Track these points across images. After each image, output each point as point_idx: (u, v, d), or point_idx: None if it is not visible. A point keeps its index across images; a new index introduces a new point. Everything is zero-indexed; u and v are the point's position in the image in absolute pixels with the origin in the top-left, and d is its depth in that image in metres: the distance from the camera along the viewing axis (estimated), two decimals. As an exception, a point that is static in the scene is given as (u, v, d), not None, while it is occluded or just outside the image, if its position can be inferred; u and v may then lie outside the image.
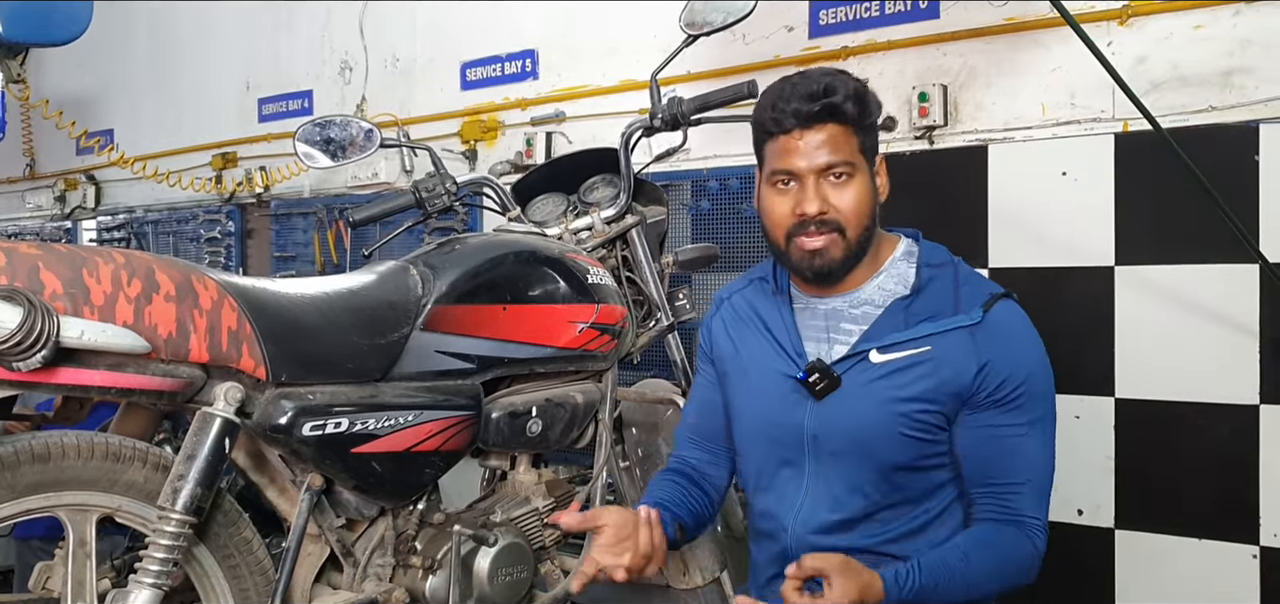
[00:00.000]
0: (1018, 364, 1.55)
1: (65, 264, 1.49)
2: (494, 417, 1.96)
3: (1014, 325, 1.58)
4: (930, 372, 1.55)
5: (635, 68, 3.38)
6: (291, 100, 4.50)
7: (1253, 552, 2.44)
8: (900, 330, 1.57)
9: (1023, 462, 1.56)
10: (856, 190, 1.57)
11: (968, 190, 2.78)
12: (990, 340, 1.55)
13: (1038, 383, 1.57)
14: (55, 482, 1.56)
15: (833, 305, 1.64)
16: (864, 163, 1.58)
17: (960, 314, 1.56)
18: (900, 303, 1.60)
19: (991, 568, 1.53)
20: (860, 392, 1.58)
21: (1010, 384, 1.54)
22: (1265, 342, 2.41)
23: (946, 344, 1.55)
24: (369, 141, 2.39)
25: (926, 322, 1.57)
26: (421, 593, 1.91)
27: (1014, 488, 1.56)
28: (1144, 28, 2.56)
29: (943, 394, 1.55)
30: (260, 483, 1.84)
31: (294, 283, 1.83)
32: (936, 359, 1.55)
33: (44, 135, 5.57)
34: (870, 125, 1.59)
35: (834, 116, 1.55)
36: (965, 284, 1.60)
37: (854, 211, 1.57)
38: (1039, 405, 1.57)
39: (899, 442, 1.56)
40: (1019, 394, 1.54)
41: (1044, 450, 1.58)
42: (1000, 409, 1.55)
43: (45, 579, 1.67)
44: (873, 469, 1.59)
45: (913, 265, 1.63)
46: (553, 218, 2.35)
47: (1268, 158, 2.39)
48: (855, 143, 1.57)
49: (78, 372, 1.50)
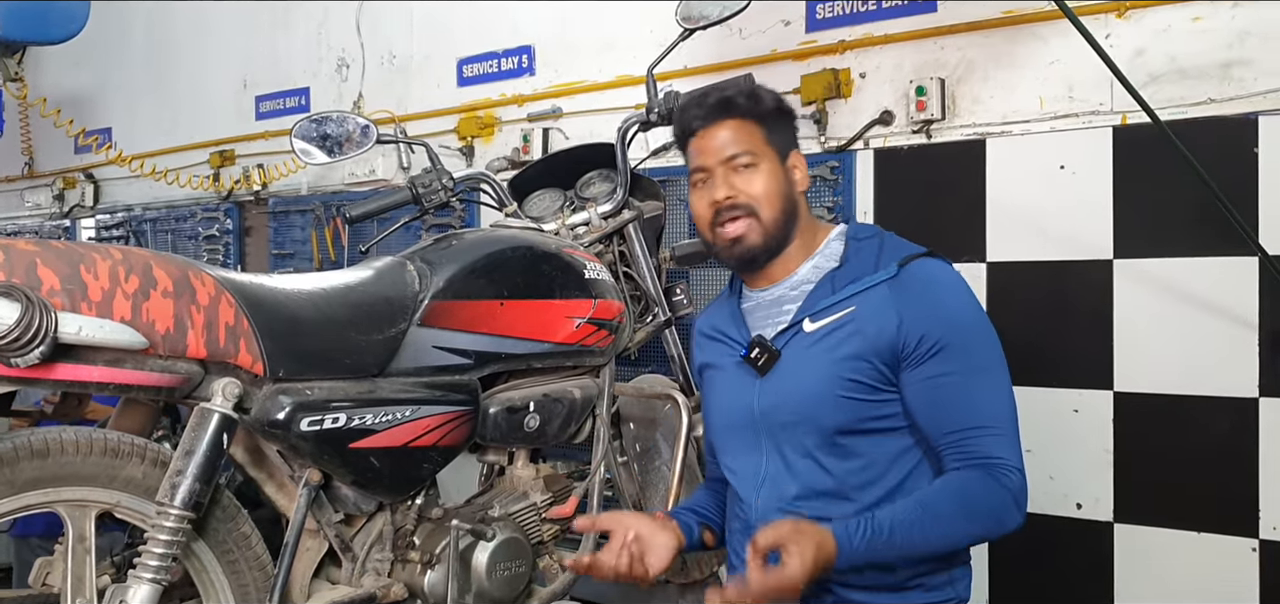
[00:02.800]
0: (936, 316, 1.60)
1: (63, 260, 1.49)
2: (492, 412, 1.96)
3: (931, 278, 1.64)
4: (855, 330, 1.62)
5: (632, 63, 3.37)
6: (289, 98, 4.50)
7: (1252, 545, 2.44)
8: (828, 296, 1.66)
9: (972, 405, 1.59)
10: (764, 176, 1.69)
11: (965, 184, 2.77)
12: (906, 294, 1.61)
13: (966, 331, 1.61)
14: (54, 477, 1.56)
15: (776, 293, 1.74)
16: (771, 152, 1.70)
17: (879, 272, 1.64)
18: (830, 275, 1.68)
19: (958, 510, 1.55)
20: (797, 360, 1.66)
21: (933, 334, 1.58)
22: (1264, 334, 2.41)
23: (868, 302, 1.62)
24: (365, 138, 2.39)
25: (850, 284, 1.65)
26: (420, 588, 1.91)
27: (972, 432, 1.58)
28: (1142, 20, 2.55)
29: (870, 351, 1.60)
30: (258, 478, 1.84)
31: (291, 279, 1.84)
32: (860, 317, 1.62)
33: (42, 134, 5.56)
34: (770, 118, 1.72)
35: (729, 111, 1.71)
36: (887, 249, 1.68)
37: (764, 194, 1.68)
38: (976, 353, 1.61)
39: (837, 403, 1.62)
40: (944, 343, 1.58)
41: (998, 393, 1.61)
42: (933, 360, 1.59)
43: (45, 575, 1.67)
44: (817, 435, 1.64)
45: (843, 242, 1.73)
46: (550, 213, 2.35)
47: (1267, 150, 2.39)
48: (758, 133, 1.70)
49: (76, 367, 1.50)
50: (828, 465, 1.64)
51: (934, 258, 1.68)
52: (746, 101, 1.72)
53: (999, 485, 1.56)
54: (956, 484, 1.57)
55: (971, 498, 1.56)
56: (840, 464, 1.64)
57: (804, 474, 1.66)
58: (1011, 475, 1.57)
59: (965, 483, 1.57)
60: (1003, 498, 1.56)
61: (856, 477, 1.63)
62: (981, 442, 1.58)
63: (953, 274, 1.67)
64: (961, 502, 1.56)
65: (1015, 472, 1.58)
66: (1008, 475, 1.57)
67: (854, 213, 2.91)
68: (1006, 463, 1.57)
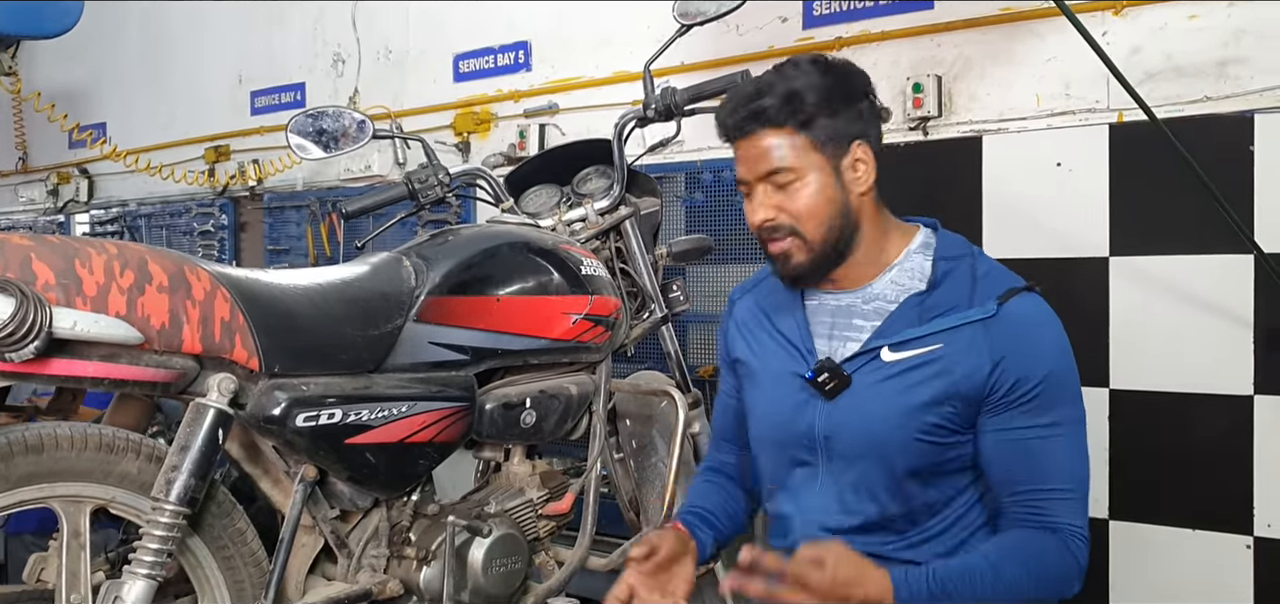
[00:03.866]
0: (1035, 361, 1.47)
1: (57, 255, 1.48)
2: (488, 408, 1.96)
3: (1032, 320, 1.50)
4: (942, 371, 1.48)
5: (628, 59, 3.37)
6: (284, 93, 4.49)
7: (1246, 542, 2.44)
8: (914, 326, 1.51)
9: (1053, 465, 1.48)
10: (807, 191, 1.52)
11: (962, 181, 2.77)
12: (1005, 336, 1.47)
13: (1060, 382, 1.49)
14: (49, 473, 1.56)
15: (845, 301, 1.60)
16: (818, 159, 1.52)
17: (975, 308, 1.49)
18: (915, 298, 1.54)
19: (1026, 575, 1.45)
20: (871, 392, 1.52)
21: (1027, 383, 1.46)
22: (1260, 332, 2.41)
23: (959, 341, 1.48)
24: (361, 133, 2.38)
25: (940, 317, 1.50)
26: (416, 584, 1.91)
27: (1047, 494, 1.48)
28: (1139, 18, 2.56)
29: (957, 395, 1.48)
30: (254, 474, 1.83)
31: (287, 274, 1.83)
32: (948, 357, 1.48)
33: (36, 129, 5.55)
34: (816, 119, 1.51)
35: (763, 122, 1.52)
36: (983, 277, 1.53)
37: (807, 213, 1.53)
38: (1065, 406, 1.49)
39: (913, 447, 1.50)
40: (1036, 393, 1.47)
41: (1076, 453, 1.50)
42: (1020, 410, 1.47)
43: (39, 571, 1.67)
44: (885, 473, 1.53)
45: (929, 258, 1.57)
46: (546, 209, 2.35)
47: (1263, 148, 2.39)
48: (800, 142, 1.52)
49: (70, 363, 1.49)
50: (885, 503, 1.54)
51: (1032, 293, 1.54)
52: (781, 109, 1.51)
53: (1069, 554, 1.47)
54: (1029, 549, 1.47)
55: (1042, 564, 1.46)
56: (898, 504, 1.53)
57: (857, 507, 1.56)
58: (1080, 546, 1.48)
59: (1039, 549, 1.47)
60: (1070, 568, 1.47)
61: (911, 514, 1.54)
62: (1053, 505, 1.47)
63: (1050, 315, 1.53)
64: (1032, 568, 1.46)
65: (1083, 541, 1.49)
66: (1076, 544, 1.48)
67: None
68: (1076, 530, 1.48)
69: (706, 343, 3.26)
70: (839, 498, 1.57)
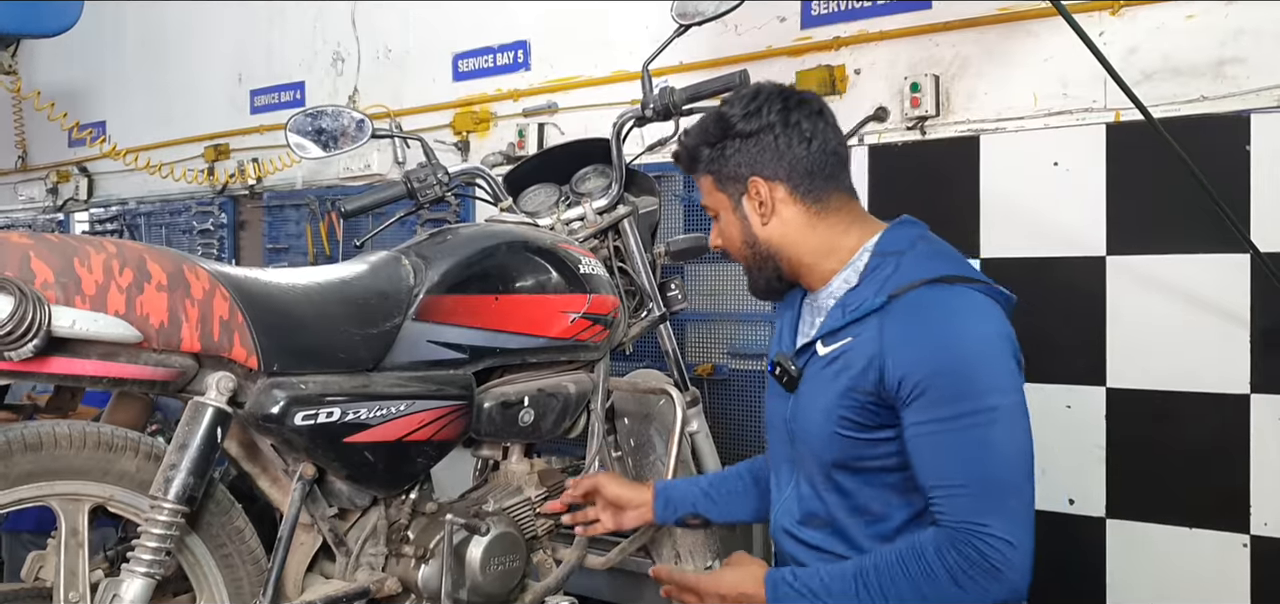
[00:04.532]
0: (920, 355, 1.43)
1: (56, 253, 1.48)
2: (486, 406, 1.96)
3: (919, 313, 1.45)
4: (847, 364, 1.51)
5: (627, 59, 3.37)
6: (283, 92, 4.49)
7: (1243, 540, 2.45)
8: (838, 320, 1.56)
9: (945, 461, 1.42)
10: (725, 227, 1.68)
11: (959, 180, 2.78)
12: (891, 331, 1.46)
13: (951, 375, 1.42)
14: (48, 471, 1.56)
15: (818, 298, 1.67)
16: (723, 199, 1.66)
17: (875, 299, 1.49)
18: (844, 295, 1.58)
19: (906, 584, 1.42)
20: (809, 384, 1.60)
21: (912, 378, 1.43)
22: (1256, 331, 2.42)
23: (861, 334, 1.50)
24: (360, 132, 2.38)
25: (854, 310, 1.53)
26: (414, 582, 1.91)
27: (943, 492, 1.43)
28: (1136, 17, 2.56)
29: (857, 388, 1.49)
30: (253, 473, 1.83)
31: (286, 273, 1.83)
32: (852, 349, 1.51)
33: (36, 127, 5.55)
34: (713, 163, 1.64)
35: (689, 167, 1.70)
36: (899, 272, 1.51)
37: (728, 244, 1.69)
38: (964, 399, 1.41)
39: (831, 438, 1.54)
40: (922, 388, 1.42)
41: (980, 448, 1.41)
42: (914, 405, 1.44)
43: (37, 569, 1.67)
44: (817, 465, 1.59)
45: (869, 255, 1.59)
46: (545, 208, 2.35)
47: (1259, 147, 2.39)
48: (708, 183, 1.67)
49: (69, 361, 1.49)
50: (825, 497, 1.59)
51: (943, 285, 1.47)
52: (688, 157, 1.68)
53: (959, 555, 1.39)
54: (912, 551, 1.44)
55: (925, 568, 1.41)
56: (836, 499, 1.57)
57: (808, 500, 1.62)
58: (985, 542, 1.38)
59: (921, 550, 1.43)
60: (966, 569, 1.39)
61: (849, 514, 1.57)
62: (954, 502, 1.41)
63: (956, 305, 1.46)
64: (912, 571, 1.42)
65: (992, 539, 1.38)
66: (979, 542, 1.38)
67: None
68: (983, 529, 1.39)
69: (705, 341, 3.26)
70: (797, 489, 1.66)
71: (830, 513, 1.59)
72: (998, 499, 1.41)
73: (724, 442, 3.02)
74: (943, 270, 1.50)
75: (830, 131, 1.62)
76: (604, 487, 1.98)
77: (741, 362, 3.17)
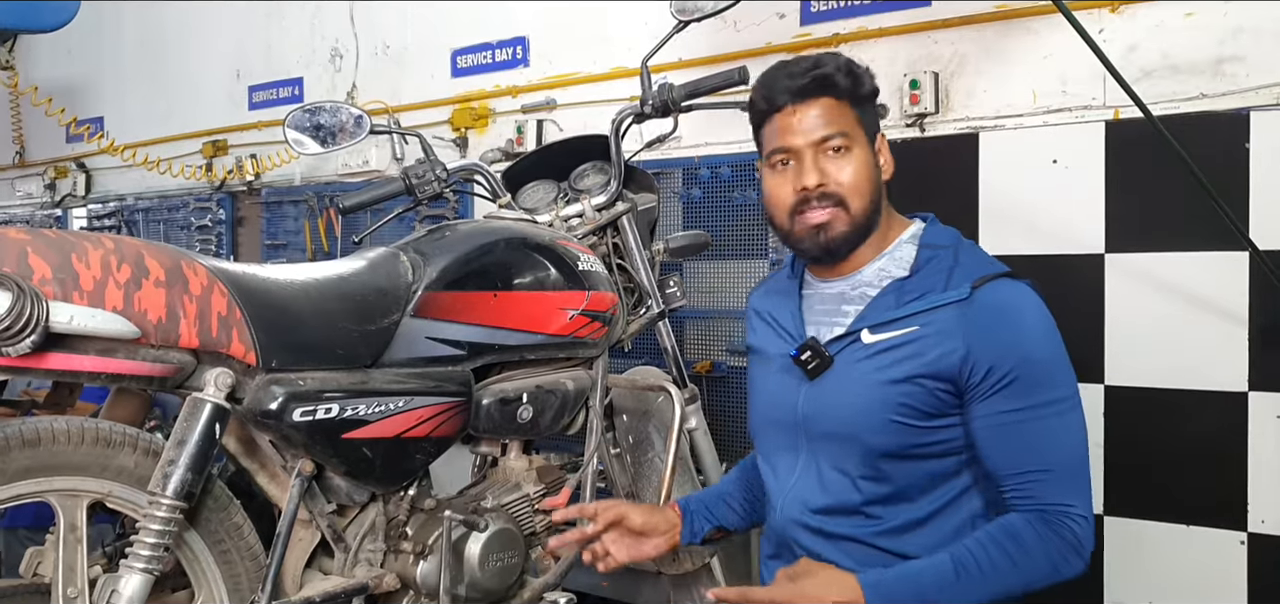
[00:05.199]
0: (1009, 346, 1.48)
1: (54, 249, 1.48)
2: (485, 403, 1.96)
3: (1006, 305, 1.51)
4: (916, 352, 1.51)
5: (626, 55, 3.37)
6: (282, 88, 4.49)
7: (1240, 538, 2.45)
8: (892, 309, 1.55)
9: (1037, 446, 1.48)
10: (856, 162, 1.58)
11: (958, 178, 2.78)
12: (977, 321, 1.49)
13: (1037, 365, 1.49)
14: (46, 466, 1.56)
15: (839, 288, 1.64)
16: (862, 136, 1.59)
17: (950, 291, 1.52)
18: (895, 284, 1.58)
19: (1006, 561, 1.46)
20: (849, 372, 1.57)
21: (1002, 367, 1.48)
22: (1254, 329, 2.42)
23: (934, 324, 1.51)
24: (359, 128, 2.38)
25: (916, 301, 1.54)
26: (412, 578, 1.91)
27: (1034, 476, 1.49)
28: (1135, 15, 2.56)
29: (929, 375, 1.51)
30: (251, 469, 1.83)
31: (284, 269, 1.83)
32: (923, 339, 1.52)
33: (33, 123, 5.54)
34: (865, 99, 1.61)
35: (826, 89, 1.57)
36: (962, 264, 1.56)
37: (854, 184, 1.57)
38: (1046, 389, 1.49)
39: (885, 426, 1.53)
40: (1012, 377, 1.48)
41: (1065, 434, 1.50)
42: (1000, 395, 1.49)
43: (36, 565, 1.67)
44: (858, 454, 1.56)
45: (916, 246, 1.61)
46: (543, 205, 2.35)
47: (1258, 146, 2.39)
48: (851, 116, 1.58)
49: (67, 357, 1.49)
50: (861, 485, 1.57)
51: (1012, 279, 1.55)
52: (846, 80, 1.58)
53: (1054, 534, 1.47)
54: (1006, 533, 1.48)
55: (1023, 548, 1.47)
56: (875, 487, 1.56)
57: (835, 488, 1.60)
58: (1076, 525, 1.48)
59: (1017, 532, 1.48)
60: (1059, 547, 1.48)
61: (887, 499, 1.56)
62: (1043, 486, 1.49)
63: (1031, 299, 1.54)
64: (1011, 553, 1.47)
65: (1078, 518, 1.49)
66: (1069, 522, 1.48)
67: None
68: (1070, 509, 1.48)
69: (703, 338, 3.26)
70: (819, 478, 1.62)
71: (864, 502, 1.57)
72: (1077, 481, 1.51)
73: (723, 439, 3.02)
74: (1000, 267, 1.56)
75: None
76: (629, 517, 1.76)
77: (740, 359, 3.17)
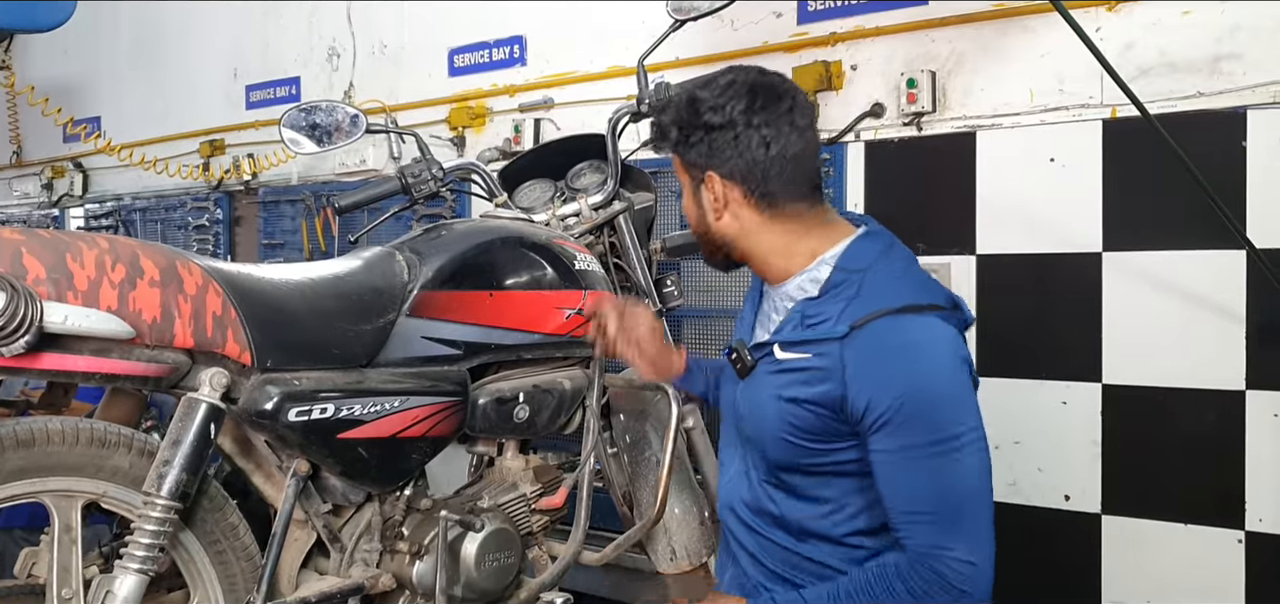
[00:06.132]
0: (884, 386, 1.44)
1: (48, 249, 1.48)
2: (481, 403, 1.96)
3: (887, 345, 1.47)
4: (806, 380, 1.53)
5: (623, 54, 3.37)
6: (279, 87, 4.48)
7: (1238, 536, 2.45)
8: (797, 331, 1.56)
9: (908, 487, 1.45)
10: (687, 205, 1.70)
11: (956, 176, 2.78)
12: (854, 361, 1.47)
13: (921, 404, 1.44)
14: (40, 467, 1.55)
15: (775, 295, 1.67)
16: (686, 179, 1.67)
17: (838, 325, 1.50)
18: (801, 304, 1.58)
19: None
20: (762, 381, 1.62)
21: (878, 407, 1.45)
22: (1251, 328, 2.42)
23: (824, 355, 1.51)
24: (355, 127, 2.38)
25: (812, 328, 1.54)
26: (408, 579, 1.90)
27: (907, 517, 1.46)
28: (1132, 14, 2.56)
29: (815, 404, 1.51)
30: (246, 469, 1.83)
31: (279, 269, 1.83)
32: (812, 369, 1.52)
33: (30, 122, 5.53)
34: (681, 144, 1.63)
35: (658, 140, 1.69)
36: (863, 294, 1.51)
37: (691, 223, 1.71)
38: (929, 428, 1.44)
39: (777, 442, 1.58)
40: (885, 418, 1.45)
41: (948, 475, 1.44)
42: (880, 433, 1.46)
43: (30, 565, 1.66)
44: (762, 460, 1.64)
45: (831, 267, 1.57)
46: (540, 204, 2.35)
47: (1255, 144, 2.39)
48: (676, 160, 1.67)
49: (61, 357, 1.49)
50: (768, 488, 1.65)
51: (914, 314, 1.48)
52: (658, 134, 1.68)
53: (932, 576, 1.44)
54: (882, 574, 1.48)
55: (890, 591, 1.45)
56: (783, 496, 1.63)
57: (755, 487, 1.68)
58: (949, 566, 1.43)
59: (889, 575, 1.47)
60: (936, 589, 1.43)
61: (798, 511, 1.61)
62: (917, 528, 1.45)
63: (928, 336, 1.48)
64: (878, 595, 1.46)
65: (956, 562, 1.42)
66: (944, 566, 1.43)
67: (845, 206, 2.91)
68: (944, 552, 1.43)
69: (701, 337, 3.26)
70: (747, 475, 1.70)
71: (772, 504, 1.64)
72: (960, 523, 1.44)
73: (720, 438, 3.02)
74: (904, 298, 1.50)
75: (794, 134, 1.56)
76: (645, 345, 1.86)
77: (737, 358, 3.17)
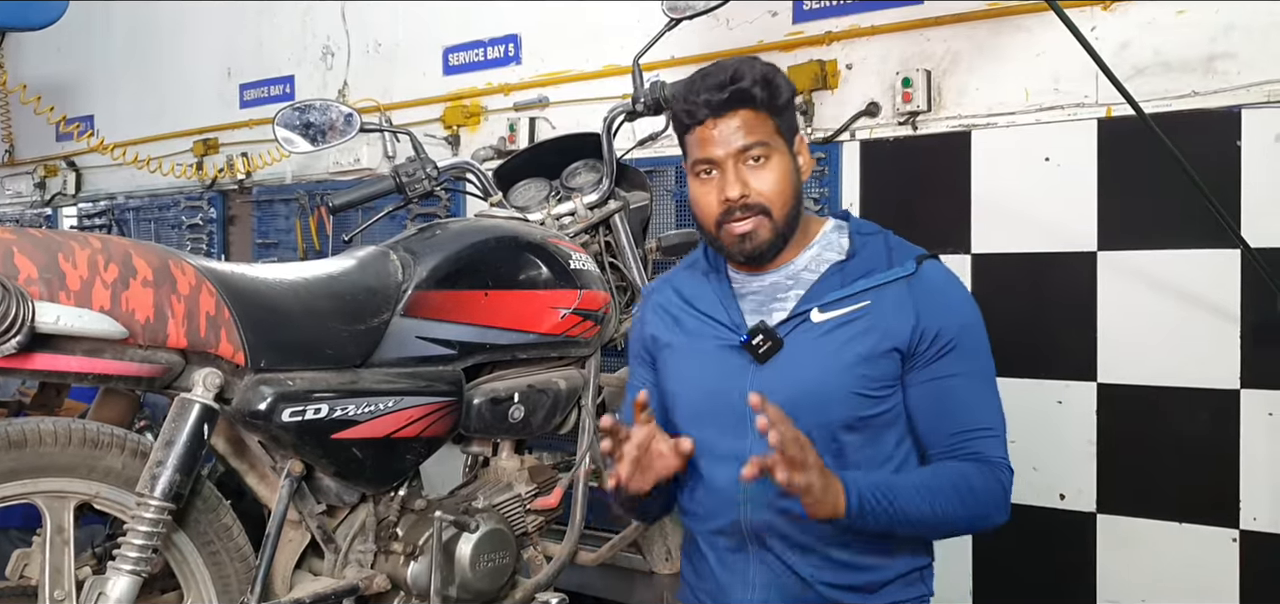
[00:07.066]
0: (952, 314, 1.61)
1: (41, 249, 1.47)
2: (476, 403, 1.95)
3: (944, 280, 1.65)
4: (871, 326, 1.59)
5: (618, 53, 3.36)
6: (273, 86, 4.47)
7: (1232, 535, 2.45)
8: (837, 289, 1.62)
9: (976, 408, 1.61)
10: (776, 170, 1.61)
11: (951, 176, 2.77)
12: (924, 294, 1.60)
13: (973, 336, 1.62)
14: (32, 468, 1.55)
15: (769, 280, 1.67)
16: (782, 143, 1.62)
17: (895, 267, 1.62)
18: (835, 267, 1.64)
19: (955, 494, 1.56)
20: (805, 351, 1.60)
21: (946, 335, 1.59)
22: (1246, 327, 2.42)
23: (885, 298, 1.60)
24: (349, 126, 2.37)
25: (862, 278, 1.62)
26: (403, 579, 1.90)
27: (975, 434, 1.60)
28: (1127, 13, 2.56)
29: (887, 348, 1.59)
30: (240, 469, 1.83)
31: (273, 268, 1.83)
32: (875, 312, 1.60)
33: (23, 121, 5.51)
34: (782, 106, 1.62)
35: (743, 102, 1.59)
36: (896, 246, 1.67)
37: (776, 192, 1.60)
38: (981, 358, 1.63)
39: (847, 398, 1.58)
40: (955, 342, 1.59)
41: (995, 399, 1.63)
42: (942, 359, 1.59)
43: (23, 566, 1.66)
44: (820, 429, 1.55)
45: (845, 235, 1.68)
46: (535, 203, 2.34)
47: (1250, 143, 2.39)
48: (770, 124, 1.60)
49: (54, 357, 1.49)
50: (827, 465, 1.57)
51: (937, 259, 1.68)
52: (763, 91, 1.59)
53: (995, 480, 1.59)
54: (958, 471, 1.59)
55: (971, 487, 1.57)
56: (833, 461, 1.57)
57: None
58: (1007, 476, 1.61)
59: (966, 472, 1.58)
60: (996, 493, 1.59)
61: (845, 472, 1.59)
62: (983, 444, 1.60)
63: (956, 277, 1.69)
64: (961, 488, 1.57)
65: (1009, 472, 1.61)
66: (1005, 475, 1.60)
67: (840, 205, 2.91)
68: (1003, 462, 1.61)
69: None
70: None
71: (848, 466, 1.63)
72: (1004, 442, 1.63)
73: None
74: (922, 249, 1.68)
75: None
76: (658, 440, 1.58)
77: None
